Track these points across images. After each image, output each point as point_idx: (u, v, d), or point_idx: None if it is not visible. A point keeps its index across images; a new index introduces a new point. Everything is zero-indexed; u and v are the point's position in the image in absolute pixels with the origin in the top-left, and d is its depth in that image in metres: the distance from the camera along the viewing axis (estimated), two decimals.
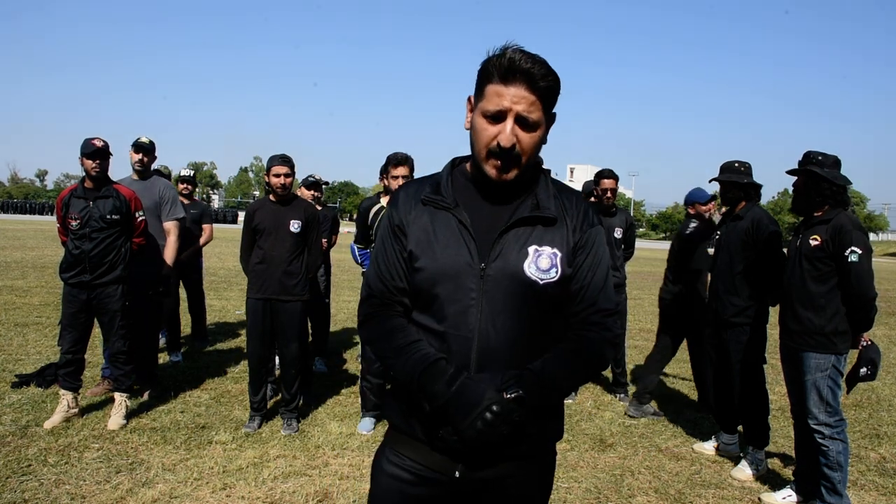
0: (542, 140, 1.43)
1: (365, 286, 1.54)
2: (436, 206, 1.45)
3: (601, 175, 5.32)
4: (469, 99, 1.46)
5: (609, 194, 5.28)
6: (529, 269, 1.40)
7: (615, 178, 5.32)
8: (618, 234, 5.33)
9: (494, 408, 1.28)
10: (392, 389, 1.56)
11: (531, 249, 1.41)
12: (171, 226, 4.94)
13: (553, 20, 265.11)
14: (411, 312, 1.49)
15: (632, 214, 5.93)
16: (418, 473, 1.45)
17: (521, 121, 1.35)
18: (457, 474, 1.42)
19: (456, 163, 1.56)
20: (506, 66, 1.33)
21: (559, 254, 1.42)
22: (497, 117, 1.35)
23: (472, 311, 1.39)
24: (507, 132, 1.34)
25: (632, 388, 5.61)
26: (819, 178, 3.35)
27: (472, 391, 1.31)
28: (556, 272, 1.41)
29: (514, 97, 1.33)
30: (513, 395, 1.31)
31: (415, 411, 1.44)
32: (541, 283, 1.40)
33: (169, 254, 4.89)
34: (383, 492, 1.51)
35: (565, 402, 5.29)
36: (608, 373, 5.69)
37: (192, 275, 6.59)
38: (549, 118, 1.43)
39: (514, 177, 1.40)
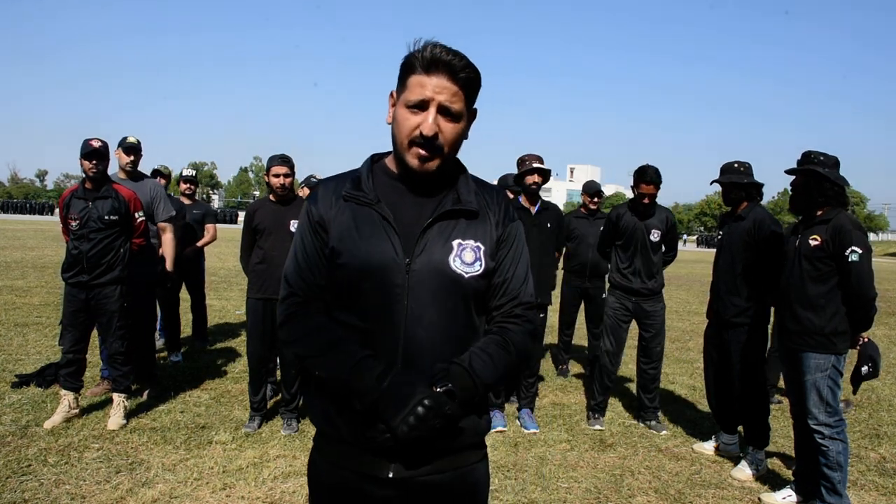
0: (464, 133, 1.44)
1: (284, 285, 1.49)
2: (357, 202, 1.43)
3: (641, 178, 4.66)
4: (391, 94, 1.46)
5: (647, 200, 4.69)
6: (454, 262, 1.40)
7: (656, 183, 4.65)
8: (654, 236, 4.73)
9: (426, 402, 1.27)
10: (315, 390, 1.52)
11: (455, 243, 1.41)
12: (165, 225, 4.97)
13: (553, 19, 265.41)
14: (331, 311, 1.45)
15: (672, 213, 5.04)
16: (350, 478, 1.42)
17: (443, 111, 1.36)
18: (390, 475, 1.39)
19: (375, 159, 1.54)
20: (428, 58, 1.35)
21: (482, 247, 1.43)
22: (420, 106, 1.36)
23: (397, 307, 1.37)
24: (429, 121, 1.35)
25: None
26: (822, 177, 3.35)
27: (404, 386, 1.30)
28: (481, 265, 1.42)
29: (436, 87, 1.35)
30: (442, 389, 1.31)
31: (342, 411, 1.40)
32: (466, 276, 1.40)
33: (168, 252, 4.90)
34: (321, 501, 1.49)
35: (564, 402, 5.29)
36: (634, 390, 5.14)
37: (195, 275, 6.61)
38: (471, 113, 1.44)
39: (436, 167, 1.40)
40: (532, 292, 1.52)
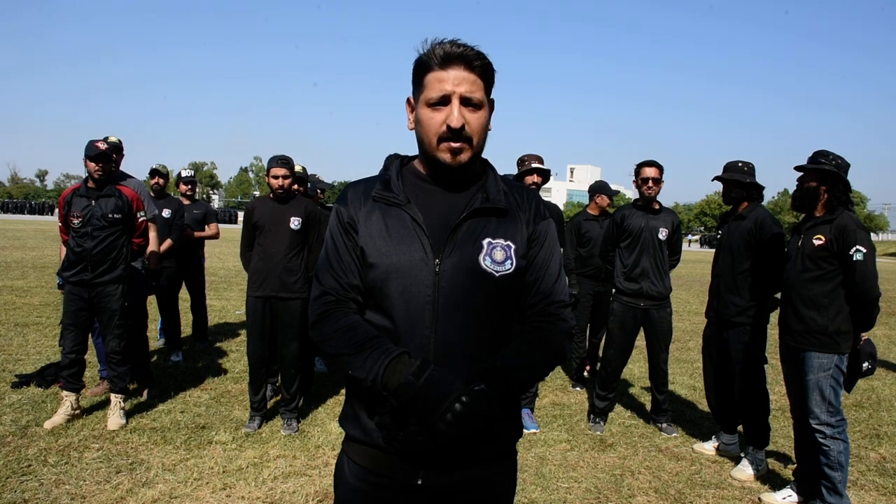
0: (487, 123, 1.44)
1: (316, 284, 1.48)
2: (387, 203, 1.43)
3: (643, 164, 4.65)
4: (408, 101, 1.47)
5: (651, 183, 4.59)
6: (485, 262, 1.39)
7: (658, 166, 4.60)
8: (662, 235, 4.66)
9: (464, 398, 1.25)
10: (347, 393, 1.51)
11: (485, 242, 1.41)
12: (150, 224, 4.95)
13: (553, 18, 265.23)
14: (364, 312, 1.45)
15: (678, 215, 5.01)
16: (379, 484, 1.41)
17: (465, 102, 1.37)
18: (419, 481, 1.38)
19: (404, 162, 1.54)
20: (442, 54, 1.37)
21: (513, 246, 1.43)
22: (442, 102, 1.37)
23: (427, 308, 1.36)
24: (455, 114, 1.36)
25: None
26: (839, 179, 3.34)
27: (442, 383, 1.27)
28: (512, 264, 1.42)
29: (455, 79, 1.36)
30: (477, 389, 1.29)
31: (373, 414, 1.38)
32: (497, 275, 1.39)
33: (152, 246, 4.87)
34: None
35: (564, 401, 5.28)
36: (647, 401, 5.00)
37: (196, 275, 6.61)
38: (490, 103, 1.45)
39: (468, 160, 1.40)
40: (566, 290, 1.52)
